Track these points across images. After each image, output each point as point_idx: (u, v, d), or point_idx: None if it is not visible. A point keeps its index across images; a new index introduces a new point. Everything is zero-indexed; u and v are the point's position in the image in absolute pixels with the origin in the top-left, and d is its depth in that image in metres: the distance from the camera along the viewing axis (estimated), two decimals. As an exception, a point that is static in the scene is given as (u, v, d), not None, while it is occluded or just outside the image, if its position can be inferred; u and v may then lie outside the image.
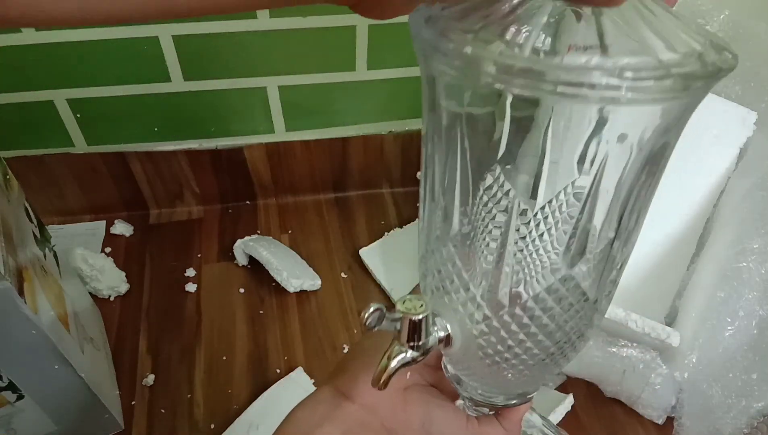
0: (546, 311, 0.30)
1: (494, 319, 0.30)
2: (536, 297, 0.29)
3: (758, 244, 0.55)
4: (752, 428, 0.52)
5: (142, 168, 0.74)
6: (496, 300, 0.30)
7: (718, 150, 0.63)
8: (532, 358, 0.32)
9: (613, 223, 0.28)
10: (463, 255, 0.30)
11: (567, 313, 0.30)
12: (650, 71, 0.22)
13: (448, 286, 0.31)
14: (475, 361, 0.33)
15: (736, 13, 0.63)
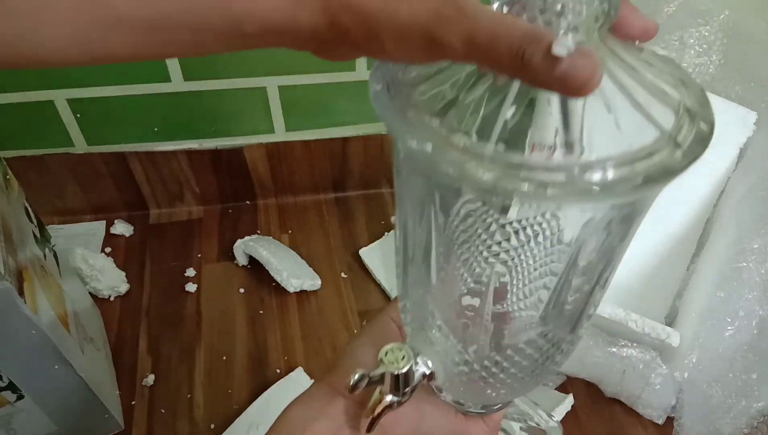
0: (524, 357, 0.31)
1: (475, 363, 0.31)
2: (515, 347, 0.30)
3: (758, 244, 0.55)
4: (752, 428, 0.52)
5: (142, 168, 0.74)
6: (475, 348, 0.31)
7: (718, 150, 0.63)
8: (513, 380, 0.33)
9: (590, 281, 0.29)
10: (442, 306, 0.31)
11: (546, 352, 0.31)
12: (618, 171, 0.21)
13: (428, 331, 0.32)
14: (454, 387, 0.34)
15: (736, 13, 0.63)
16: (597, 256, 0.27)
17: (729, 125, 0.63)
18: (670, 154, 0.22)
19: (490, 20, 0.21)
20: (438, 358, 0.32)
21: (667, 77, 0.25)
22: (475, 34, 0.21)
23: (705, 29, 0.63)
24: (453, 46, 0.22)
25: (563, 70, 0.19)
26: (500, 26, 0.21)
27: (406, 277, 0.31)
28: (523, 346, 0.30)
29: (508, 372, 0.31)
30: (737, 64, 0.64)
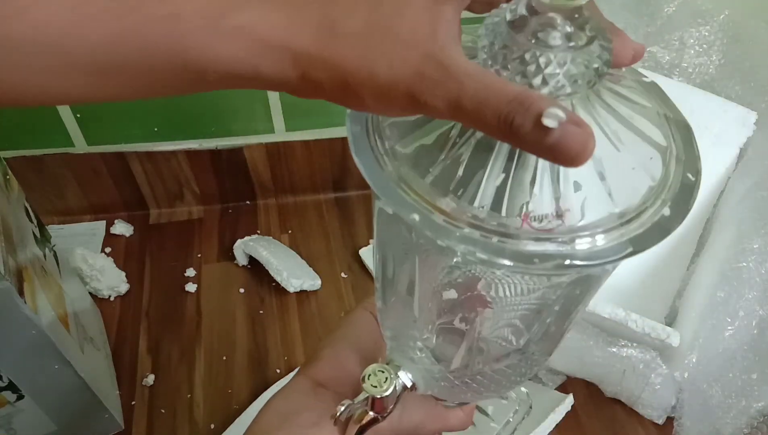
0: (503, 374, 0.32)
1: (455, 379, 0.32)
2: (492, 368, 0.31)
3: (758, 244, 0.55)
4: (752, 428, 0.52)
5: (142, 168, 0.74)
6: (452, 368, 0.32)
7: (718, 150, 0.63)
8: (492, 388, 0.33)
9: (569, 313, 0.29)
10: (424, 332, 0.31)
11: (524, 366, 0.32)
12: (607, 237, 0.21)
13: (409, 351, 0.32)
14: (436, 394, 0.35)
15: (736, 13, 0.63)
16: (572, 301, 0.27)
17: (729, 125, 0.63)
18: (658, 211, 0.22)
19: (477, 83, 0.20)
20: (419, 372, 0.32)
21: (653, 115, 0.24)
22: (461, 98, 0.20)
23: (705, 29, 0.63)
24: (437, 108, 0.21)
25: (554, 141, 0.18)
26: (487, 89, 0.20)
27: (385, 296, 0.32)
28: (503, 368, 0.31)
29: (488, 386, 0.32)
30: (737, 64, 0.64)
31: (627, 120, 0.23)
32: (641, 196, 0.22)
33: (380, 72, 0.21)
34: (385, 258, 0.29)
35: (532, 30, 0.21)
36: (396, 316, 0.32)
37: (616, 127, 0.23)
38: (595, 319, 0.55)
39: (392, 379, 0.31)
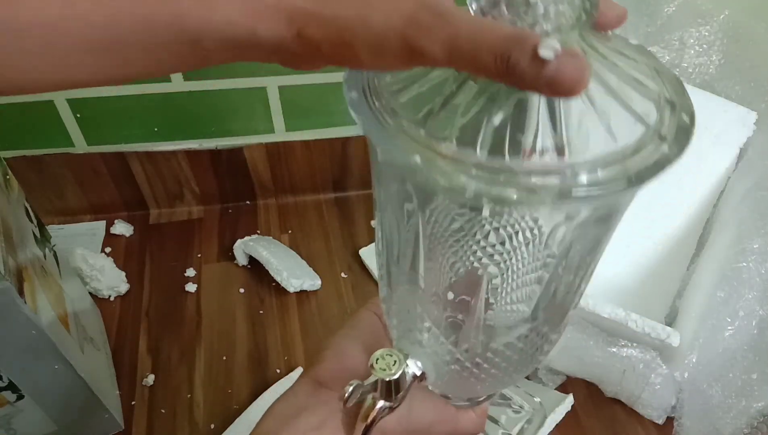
0: (515, 351, 0.31)
1: (466, 361, 0.31)
2: (506, 344, 0.30)
3: (758, 244, 0.55)
4: (752, 428, 0.52)
5: (142, 168, 0.74)
6: (466, 347, 0.31)
7: (718, 150, 0.63)
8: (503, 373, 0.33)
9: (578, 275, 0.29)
10: (430, 308, 0.31)
11: (535, 344, 0.32)
12: (609, 171, 0.21)
13: (416, 333, 0.32)
14: (444, 385, 0.34)
15: (736, 13, 0.63)
16: (584, 251, 0.27)
17: (729, 125, 0.63)
18: (657, 148, 0.22)
19: (471, 24, 0.21)
20: (428, 358, 0.32)
21: (644, 68, 0.25)
22: (457, 40, 0.20)
23: (705, 29, 0.63)
24: (433, 53, 0.21)
25: (551, 73, 0.19)
26: (482, 31, 0.20)
27: (390, 279, 0.31)
28: (514, 341, 0.30)
29: (499, 366, 0.31)
30: (737, 64, 0.64)
31: (620, 68, 0.24)
32: (639, 136, 0.22)
33: (375, 23, 0.22)
34: (390, 233, 0.29)
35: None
36: (402, 299, 0.32)
37: (609, 75, 0.23)
38: (595, 319, 0.55)
39: (401, 362, 0.30)
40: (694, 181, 0.63)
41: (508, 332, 0.30)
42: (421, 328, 0.31)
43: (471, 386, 0.34)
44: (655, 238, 0.63)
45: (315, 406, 0.32)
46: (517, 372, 0.33)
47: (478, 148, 0.22)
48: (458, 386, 0.35)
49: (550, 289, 0.28)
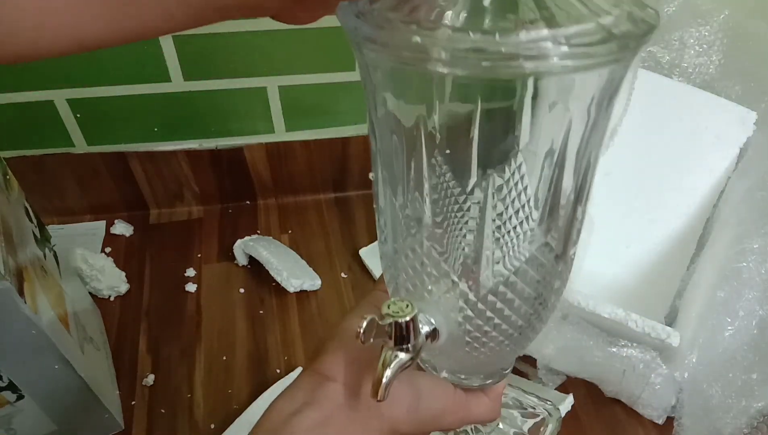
0: (527, 283, 0.30)
1: (479, 302, 0.30)
2: (518, 271, 0.29)
3: (758, 244, 0.55)
4: (752, 428, 0.52)
5: (142, 168, 0.74)
6: (478, 283, 0.30)
7: (718, 150, 0.63)
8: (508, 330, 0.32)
9: (575, 184, 0.29)
10: (439, 245, 0.30)
11: (544, 280, 0.31)
12: (594, 36, 0.22)
13: (426, 280, 0.31)
14: (455, 348, 0.33)
15: (736, 13, 0.63)
16: (581, 140, 0.27)
17: (729, 125, 0.63)
18: (639, 13, 0.24)
19: None
20: (440, 312, 0.31)
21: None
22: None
23: (705, 29, 0.63)
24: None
25: None
26: None
27: (396, 229, 0.31)
28: (525, 267, 0.29)
29: (505, 317, 0.31)
30: (737, 64, 0.64)
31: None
32: (613, 17, 0.24)
33: None
34: (391, 168, 0.29)
35: None
36: (408, 248, 0.31)
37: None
38: (595, 319, 0.55)
39: (413, 306, 0.29)
40: (694, 181, 0.63)
41: (516, 259, 0.29)
42: (429, 273, 0.30)
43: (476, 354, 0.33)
44: (655, 238, 0.63)
45: (318, 401, 0.31)
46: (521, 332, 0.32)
47: (471, 32, 0.22)
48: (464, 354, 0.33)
49: (556, 188, 0.28)
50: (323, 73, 0.71)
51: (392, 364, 0.29)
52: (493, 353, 0.33)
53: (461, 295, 0.30)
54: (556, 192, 0.28)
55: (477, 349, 0.33)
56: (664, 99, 0.63)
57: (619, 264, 0.62)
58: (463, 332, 0.32)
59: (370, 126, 0.29)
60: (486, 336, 0.32)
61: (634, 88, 0.61)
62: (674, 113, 0.63)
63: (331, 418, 0.31)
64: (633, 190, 0.63)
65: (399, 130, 0.28)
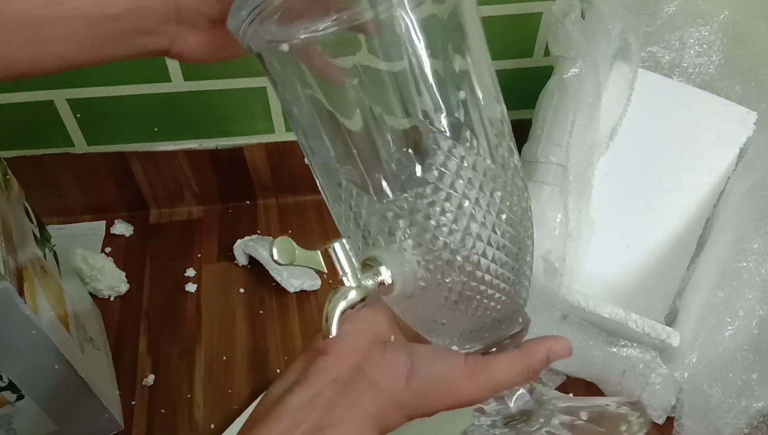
0: (465, 198, 0.29)
1: (432, 259, 0.30)
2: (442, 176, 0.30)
3: (758, 244, 0.55)
4: (752, 428, 0.52)
5: (142, 168, 0.74)
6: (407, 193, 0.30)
7: (718, 150, 0.63)
8: (471, 277, 0.30)
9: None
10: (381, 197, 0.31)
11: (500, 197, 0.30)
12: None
13: (382, 226, 0.31)
14: (423, 301, 0.31)
15: (736, 13, 0.63)
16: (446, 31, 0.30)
17: (729, 125, 0.63)
18: None
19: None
20: (392, 259, 0.30)
21: None
22: None
23: (705, 29, 0.63)
24: None
25: None
26: None
27: (336, 187, 0.32)
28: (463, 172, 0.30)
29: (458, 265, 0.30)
30: (737, 64, 0.64)
31: None
32: None
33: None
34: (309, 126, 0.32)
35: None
36: (353, 203, 0.31)
37: None
38: (595, 319, 0.55)
39: (341, 239, 0.29)
40: (694, 181, 0.63)
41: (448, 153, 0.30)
42: (384, 218, 0.31)
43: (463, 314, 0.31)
44: (655, 238, 0.63)
45: (309, 378, 0.30)
46: (490, 282, 0.31)
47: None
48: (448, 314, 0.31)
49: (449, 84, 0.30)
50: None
51: (335, 300, 0.28)
52: (473, 310, 0.31)
53: (417, 243, 0.30)
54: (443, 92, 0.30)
55: (448, 305, 0.31)
56: (664, 99, 0.63)
57: (619, 264, 0.62)
58: (419, 278, 0.30)
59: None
60: (446, 285, 0.30)
61: (634, 88, 0.61)
62: (674, 113, 0.63)
63: (321, 393, 0.29)
64: (633, 190, 0.63)
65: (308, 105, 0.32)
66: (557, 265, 0.56)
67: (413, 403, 0.30)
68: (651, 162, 0.63)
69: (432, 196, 0.30)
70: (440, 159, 0.30)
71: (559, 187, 0.58)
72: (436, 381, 0.30)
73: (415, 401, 0.30)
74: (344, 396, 0.29)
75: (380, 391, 0.30)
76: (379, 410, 0.30)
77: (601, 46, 0.58)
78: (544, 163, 0.58)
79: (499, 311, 0.32)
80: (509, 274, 0.31)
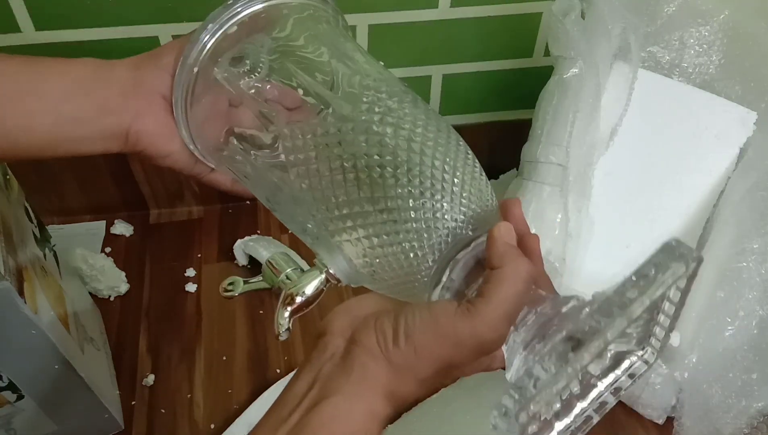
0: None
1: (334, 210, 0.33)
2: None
3: (758, 244, 0.55)
4: (752, 428, 0.52)
5: (142, 168, 0.74)
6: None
7: (718, 150, 0.63)
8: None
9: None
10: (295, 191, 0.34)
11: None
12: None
13: (309, 227, 0.35)
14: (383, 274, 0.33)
15: (736, 13, 0.63)
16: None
17: (729, 125, 0.63)
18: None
19: None
20: (331, 254, 0.33)
21: None
22: None
23: (705, 29, 0.63)
24: None
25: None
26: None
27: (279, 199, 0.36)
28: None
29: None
30: (737, 64, 0.63)
31: None
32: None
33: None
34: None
35: None
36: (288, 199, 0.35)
37: None
38: (595, 319, 0.55)
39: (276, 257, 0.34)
40: (694, 181, 0.63)
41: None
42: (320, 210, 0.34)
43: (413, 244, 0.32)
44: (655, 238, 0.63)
45: (311, 361, 0.31)
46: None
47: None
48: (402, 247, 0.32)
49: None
50: (323, 73, 0.71)
51: (279, 307, 0.33)
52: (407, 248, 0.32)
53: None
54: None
55: (400, 244, 0.31)
56: (664, 99, 0.63)
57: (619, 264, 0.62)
58: (376, 248, 0.32)
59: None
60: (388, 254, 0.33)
61: (634, 88, 0.61)
62: (674, 113, 0.63)
63: (321, 370, 0.30)
64: (633, 190, 0.63)
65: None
66: (557, 265, 0.56)
67: (411, 360, 0.28)
68: (651, 162, 0.63)
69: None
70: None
71: (559, 187, 0.58)
72: (426, 332, 0.28)
73: (412, 358, 0.28)
74: (340, 367, 0.30)
75: (374, 357, 0.29)
76: (379, 375, 0.29)
77: (601, 46, 0.58)
78: (544, 163, 0.58)
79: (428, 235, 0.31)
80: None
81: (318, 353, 0.32)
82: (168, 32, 0.65)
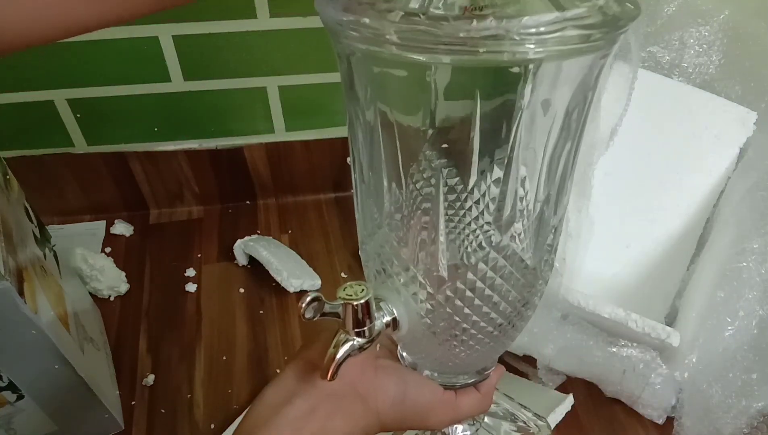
0: (486, 281, 0.30)
1: (437, 295, 0.31)
2: (474, 268, 0.30)
3: (758, 244, 0.55)
4: (752, 428, 0.52)
5: (142, 168, 0.74)
6: (435, 276, 0.30)
7: (718, 150, 0.63)
8: (480, 331, 0.32)
9: (540, 188, 0.29)
10: (399, 235, 0.30)
11: (508, 283, 0.31)
12: (550, 24, 0.22)
13: (388, 268, 0.32)
14: (426, 342, 0.33)
15: (736, 13, 0.63)
16: (539, 157, 0.28)
17: (729, 125, 0.63)
18: (604, 15, 0.24)
19: None
20: (401, 302, 0.31)
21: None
22: None
23: (705, 29, 0.63)
24: None
25: None
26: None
27: (365, 213, 0.32)
28: (483, 265, 0.29)
29: (472, 304, 0.31)
30: (737, 64, 0.64)
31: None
32: (582, 9, 0.24)
33: None
34: (356, 138, 0.30)
35: None
36: (379, 240, 0.31)
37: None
38: (595, 319, 0.55)
39: (368, 291, 0.29)
40: (694, 181, 0.63)
41: (473, 254, 0.29)
42: (390, 258, 0.31)
43: (450, 352, 0.33)
44: (655, 238, 0.63)
45: (306, 391, 0.32)
46: (496, 332, 0.32)
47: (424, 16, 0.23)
48: (438, 352, 0.33)
49: (510, 201, 0.29)
50: (323, 73, 0.71)
51: (344, 347, 0.30)
52: (463, 351, 0.33)
53: (420, 287, 0.31)
54: (510, 194, 0.28)
55: (443, 345, 0.33)
56: (664, 99, 0.63)
57: (619, 264, 0.62)
58: (425, 326, 0.32)
59: (347, 110, 0.30)
60: (448, 333, 0.32)
61: (634, 88, 0.61)
62: (674, 113, 0.63)
63: (318, 407, 0.31)
64: (633, 190, 0.63)
65: (359, 113, 0.29)
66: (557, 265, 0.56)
67: (394, 422, 0.34)
68: (651, 162, 0.63)
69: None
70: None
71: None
72: (417, 408, 0.35)
73: (397, 421, 0.35)
74: (340, 409, 0.32)
75: (368, 409, 0.33)
76: (365, 423, 0.33)
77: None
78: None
79: (480, 356, 0.35)
80: (505, 326, 0.33)
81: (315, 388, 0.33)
82: (168, 32, 0.65)
